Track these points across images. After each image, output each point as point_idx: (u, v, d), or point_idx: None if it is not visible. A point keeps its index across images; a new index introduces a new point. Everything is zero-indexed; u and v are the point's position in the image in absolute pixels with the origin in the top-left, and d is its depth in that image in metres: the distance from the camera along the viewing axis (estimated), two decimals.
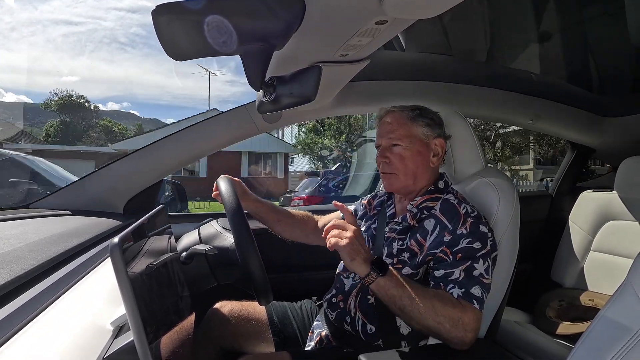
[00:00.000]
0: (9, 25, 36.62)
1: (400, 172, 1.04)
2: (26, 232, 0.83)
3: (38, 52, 56.16)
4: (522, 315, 1.75)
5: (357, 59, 0.94)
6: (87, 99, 33.88)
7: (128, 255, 0.55)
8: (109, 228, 1.08)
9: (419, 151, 1.04)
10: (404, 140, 1.03)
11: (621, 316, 0.56)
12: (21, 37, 37.35)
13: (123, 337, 0.60)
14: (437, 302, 0.84)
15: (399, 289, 0.85)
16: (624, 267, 1.19)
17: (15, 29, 37.73)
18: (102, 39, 50.42)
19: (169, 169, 1.39)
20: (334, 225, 0.88)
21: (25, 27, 38.88)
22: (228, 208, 0.90)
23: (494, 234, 0.99)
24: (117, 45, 52.37)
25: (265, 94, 0.80)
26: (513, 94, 1.66)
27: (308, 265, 1.55)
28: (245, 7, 0.61)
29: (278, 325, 1.18)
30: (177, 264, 0.92)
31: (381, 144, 1.07)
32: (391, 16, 0.66)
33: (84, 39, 46.57)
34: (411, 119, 1.04)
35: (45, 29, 40.12)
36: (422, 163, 1.05)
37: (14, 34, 37.19)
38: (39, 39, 40.14)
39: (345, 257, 0.85)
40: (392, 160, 1.04)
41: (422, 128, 1.04)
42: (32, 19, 39.65)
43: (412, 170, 1.04)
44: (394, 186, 1.07)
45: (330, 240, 0.86)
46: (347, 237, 0.84)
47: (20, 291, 0.58)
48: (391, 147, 1.05)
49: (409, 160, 1.03)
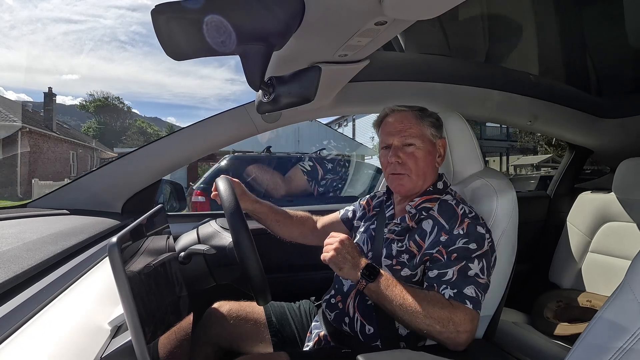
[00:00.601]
0: (8, 23, 36.74)
1: (413, 173, 1.02)
2: (24, 232, 0.82)
3: (38, 51, 56.12)
4: (520, 316, 1.75)
5: (357, 59, 0.94)
6: (122, 100, 33.62)
7: (126, 254, 0.55)
8: (107, 227, 1.08)
9: (429, 151, 1.03)
10: (417, 139, 1.02)
11: (619, 317, 0.56)
12: (21, 36, 37.49)
13: (121, 337, 0.60)
14: (427, 304, 0.85)
15: (389, 293, 0.87)
16: (622, 268, 1.19)
17: (15, 27, 37.86)
18: (102, 37, 50.58)
19: (167, 169, 1.39)
20: (326, 241, 0.96)
21: (25, 26, 39.04)
22: (227, 208, 0.90)
23: (492, 234, 0.99)
24: (117, 43, 52.56)
25: (264, 94, 0.79)
26: (512, 95, 1.66)
27: (307, 265, 1.55)
28: (245, 7, 0.61)
29: (276, 325, 1.18)
30: (175, 263, 0.92)
31: (392, 143, 1.04)
32: (391, 17, 0.66)
33: (84, 37, 46.70)
34: (420, 119, 1.04)
35: (45, 27, 40.29)
36: (432, 164, 1.04)
37: (14, 32, 37.33)
38: (39, 37, 40.28)
39: (334, 268, 0.92)
40: (405, 160, 1.02)
41: (429, 128, 1.04)
42: (32, 17, 39.81)
43: (423, 171, 1.03)
44: (405, 187, 1.04)
45: (322, 255, 0.94)
46: (332, 249, 0.91)
47: (18, 290, 0.57)
48: (403, 146, 1.03)
49: (421, 160, 1.02)
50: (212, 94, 68.44)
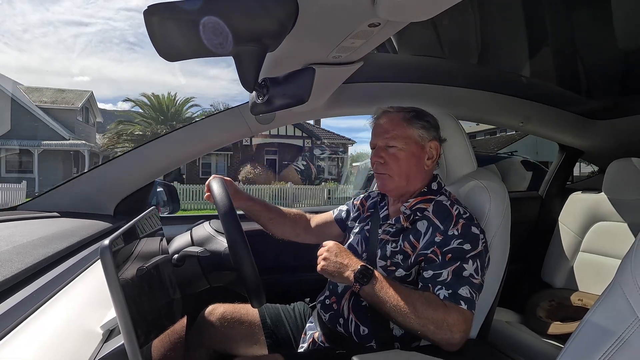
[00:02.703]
0: (21, 27, 36.25)
1: (394, 173, 1.04)
2: (14, 235, 0.81)
3: (50, 53, 54.96)
4: (512, 316, 1.77)
5: (351, 60, 0.94)
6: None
7: (119, 257, 0.54)
8: (99, 230, 1.07)
9: (413, 153, 1.04)
10: (399, 141, 1.04)
11: (610, 315, 0.56)
12: (33, 38, 37.07)
13: (113, 340, 0.59)
14: (420, 305, 0.85)
15: (384, 294, 0.88)
16: (612, 267, 1.21)
17: (27, 30, 37.38)
18: (111, 39, 50.15)
19: (160, 170, 1.38)
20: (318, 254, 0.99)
21: (37, 29, 38.56)
22: (220, 210, 0.90)
23: (485, 235, 1.00)
24: (126, 45, 52.15)
25: (258, 95, 0.79)
26: (504, 96, 1.68)
27: (301, 266, 1.55)
28: (239, 8, 0.60)
29: (271, 327, 1.17)
30: (168, 266, 0.92)
31: (377, 144, 1.07)
32: (384, 19, 0.67)
33: (94, 39, 46.17)
34: (407, 121, 1.05)
35: (56, 30, 39.85)
36: (416, 165, 1.05)
37: (27, 35, 36.88)
38: (51, 40, 39.77)
39: (328, 277, 0.96)
40: (387, 160, 1.04)
41: (418, 130, 1.05)
42: (44, 20, 39.29)
43: (406, 172, 1.04)
44: (387, 187, 1.07)
45: (317, 267, 0.97)
46: (322, 258, 0.95)
47: (9, 294, 0.57)
48: (386, 147, 1.05)
49: (403, 161, 1.04)
50: (219, 94, 68.09)
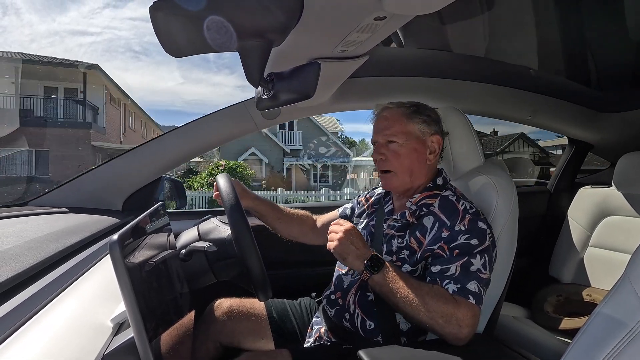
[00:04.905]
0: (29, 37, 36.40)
1: (397, 170, 1.04)
2: (25, 230, 0.83)
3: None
4: (520, 311, 1.76)
5: (356, 55, 0.94)
6: None
7: (127, 252, 0.55)
8: (108, 225, 1.08)
9: (414, 148, 1.04)
10: (400, 136, 1.03)
11: (618, 311, 0.56)
12: (40, 48, 37.23)
13: (123, 334, 0.60)
14: (430, 299, 0.85)
15: (394, 285, 0.87)
16: (622, 262, 1.20)
17: (34, 40, 37.58)
18: (117, 48, 50.25)
19: (167, 166, 1.39)
20: (331, 227, 0.96)
21: (44, 39, 38.71)
22: (227, 205, 0.90)
23: (492, 229, 0.99)
24: (132, 53, 52.33)
25: (263, 91, 0.79)
26: (511, 89, 1.66)
27: (307, 262, 1.56)
28: (244, 3, 0.60)
29: (277, 321, 1.18)
30: (176, 261, 0.92)
31: (377, 140, 1.07)
32: (390, 12, 0.66)
33: (100, 48, 46.34)
34: (407, 116, 1.04)
35: (62, 39, 40.00)
36: (418, 160, 1.05)
37: (34, 45, 37.11)
38: (57, 50, 39.93)
39: (338, 257, 0.93)
40: (388, 156, 1.04)
41: (418, 125, 1.04)
42: (51, 30, 39.42)
43: (408, 167, 1.04)
44: (391, 184, 1.07)
45: (328, 244, 0.95)
46: (337, 238, 0.92)
47: (20, 288, 0.58)
48: (387, 143, 1.05)
49: (404, 157, 1.03)
50: (223, 101, 67.48)
